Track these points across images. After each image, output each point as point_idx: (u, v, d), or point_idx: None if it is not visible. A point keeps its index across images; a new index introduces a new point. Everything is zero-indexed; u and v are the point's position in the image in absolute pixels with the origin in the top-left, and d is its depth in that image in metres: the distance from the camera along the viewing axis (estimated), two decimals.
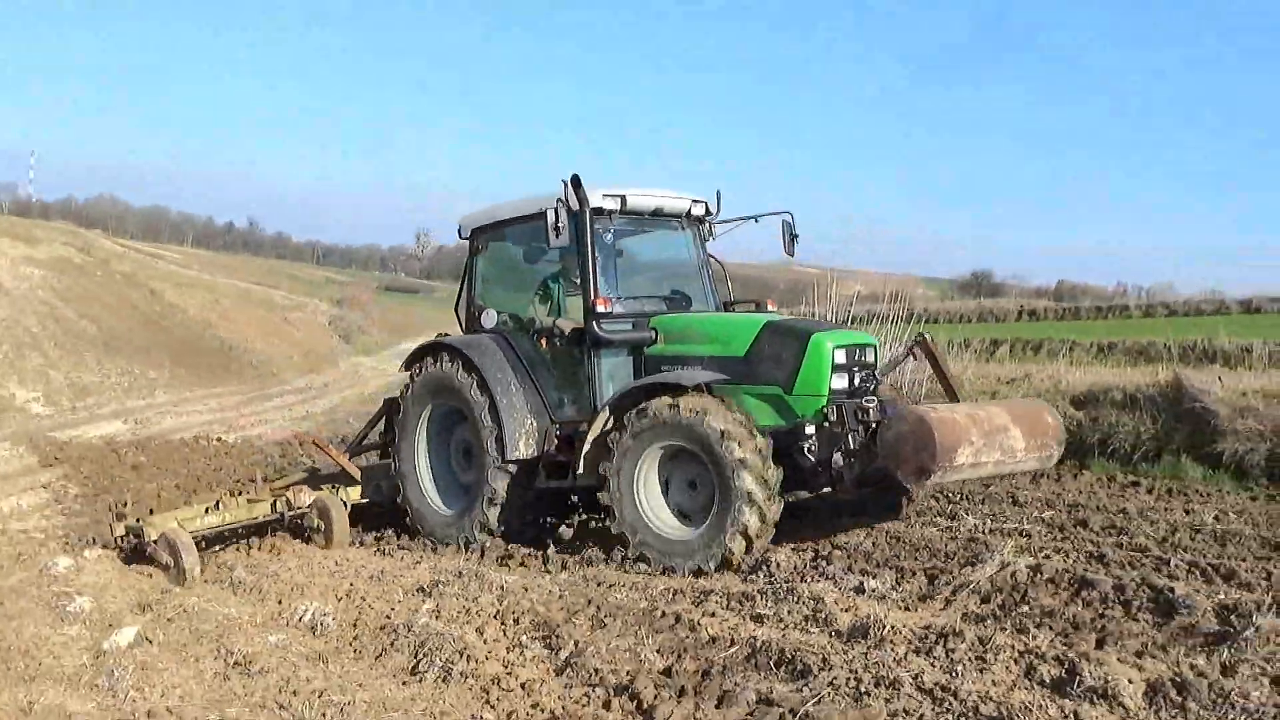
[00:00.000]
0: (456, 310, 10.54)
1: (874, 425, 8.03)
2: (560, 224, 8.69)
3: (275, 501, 9.54)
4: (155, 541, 8.50)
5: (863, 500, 9.18)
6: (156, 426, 19.72)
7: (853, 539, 8.60)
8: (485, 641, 6.23)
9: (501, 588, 7.31)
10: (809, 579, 7.12)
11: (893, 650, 5.56)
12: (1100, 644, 5.67)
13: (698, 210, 9.96)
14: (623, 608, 6.71)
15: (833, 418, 8.09)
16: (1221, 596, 6.32)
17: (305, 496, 9.64)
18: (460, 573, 7.75)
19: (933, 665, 5.32)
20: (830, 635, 5.97)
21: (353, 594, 7.41)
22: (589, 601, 6.94)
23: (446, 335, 10.47)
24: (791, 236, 9.90)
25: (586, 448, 8.66)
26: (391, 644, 6.37)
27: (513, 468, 9.26)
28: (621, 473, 8.40)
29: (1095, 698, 4.83)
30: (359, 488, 10.30)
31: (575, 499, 9.95)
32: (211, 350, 34.09)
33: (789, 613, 6.38)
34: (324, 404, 25.76)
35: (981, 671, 5.20)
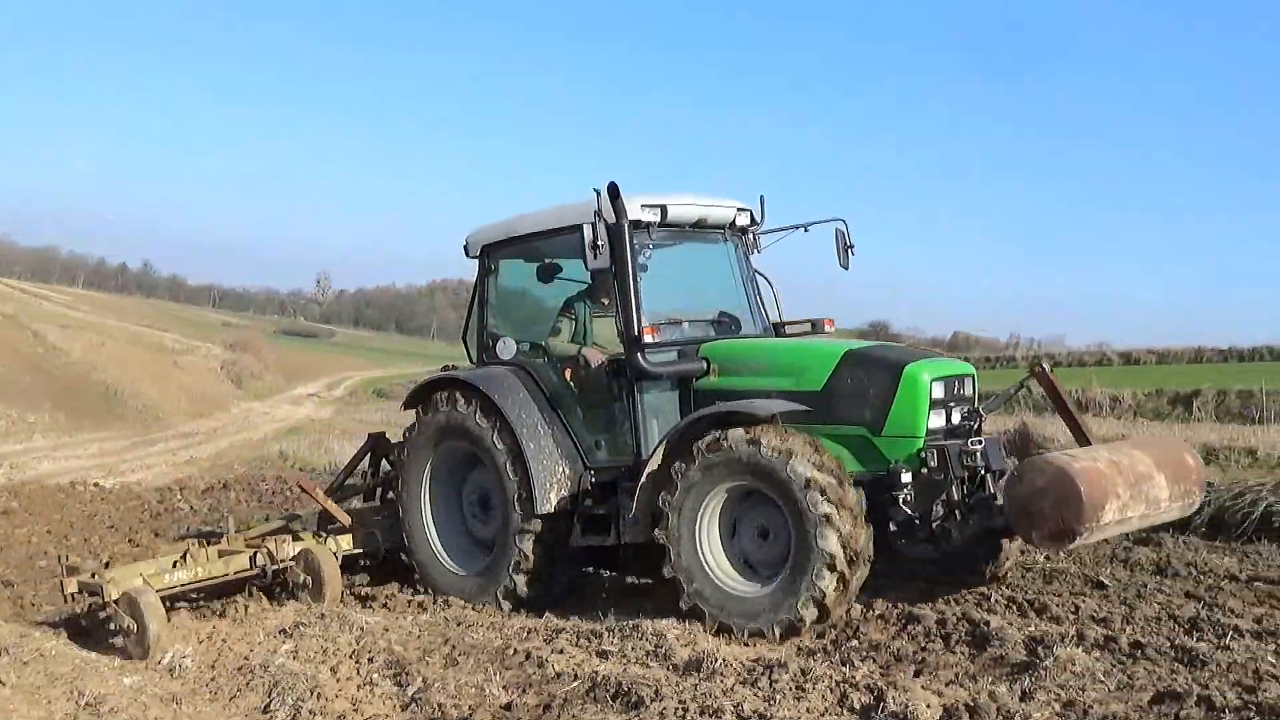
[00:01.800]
0: (465, 339, 9.39)
1: (981, 472, 7.24)
2: (600, 241, 7.61)
3: (255, 554, 8.49)
4: (116, 601, 7.40)
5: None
6: (32, 471, 19.40)
7: None
8: (338, 680, 6.41)
9: (361, 628, 7.47)
10: (654, 616, 7.42)
11: (721, 681, 5.91)
12: (918, 674, 6.11)
13: (742, 220, 8.88)
14: (477, 646, 6.95)
15: (932, 463, 7.13)
16: (1032, 629, 6.80)
17: (290, 547, 8.62)
18: (323, 614, 7.89)
19: (756, 695, 5.67)
20: (668, 669, 6.29)
21: (215, 635, 7.51)
22: (445, 640, 7.16)
23: (453, 367, 9.46)
24: (846, 247, 8.78)
25: (640, 488, 7.63)
26: (247, 684, 6.50)
27: (543, 523, 8.18)
28: (683, 510, 7.35)
29: None
30: (349, 536, 9.30)
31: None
32: (95, 394, 33.50)
33: (632, 648, 6.69)
34: (210, 449, 25.54)
35: (798, 700, 5.57)
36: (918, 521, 7.17)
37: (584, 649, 6.83)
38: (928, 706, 5.30)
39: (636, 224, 7.99)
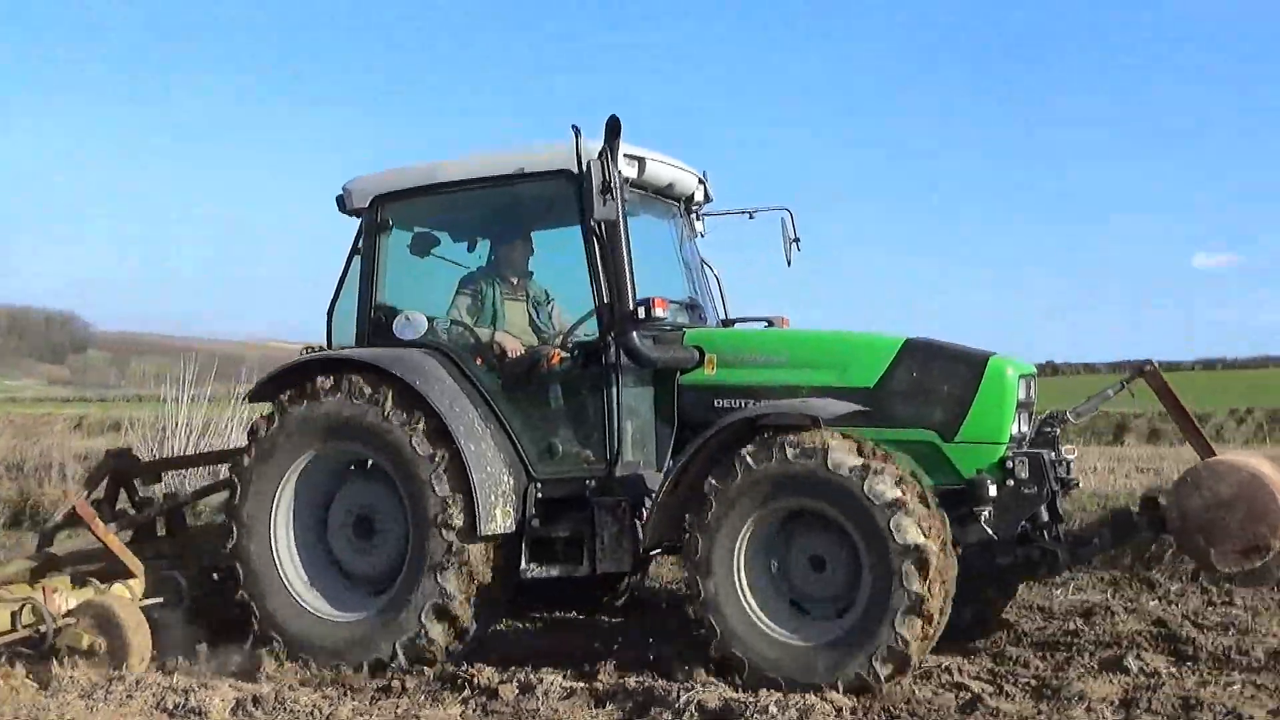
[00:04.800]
0: (330, 315, 7.45)
1: (1073, 483, 6.68)
2: (614, 182, 6.17)
3: (21, 609, 6.56)
4: None
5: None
6: None
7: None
8: None
9: None
10: (166, 669, 6.88)
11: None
12: (235, 677, 6.66)
13: (699, 193, 7.75)
14: None
15: (1023, 474, 6.11)
16: None
17: (65, 598, 6.73)
18: None
19: (87, 707, 6.12)
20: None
21: None
22: None
23: (320, 349, 7.42)
24: (792, 240, 7.82)
25: (650, 513, 6.34)
26: None
27: (480, 550, 6.56)
28: (717, 537, 6.05)
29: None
30: (140, 580, 7.16)
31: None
32: None
33: (145, 704, 6.27)
34: None
35: (122, 705, 6.14)
36: (1000, 544, 6.22)
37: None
38: (222, 700, 6.12)
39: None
